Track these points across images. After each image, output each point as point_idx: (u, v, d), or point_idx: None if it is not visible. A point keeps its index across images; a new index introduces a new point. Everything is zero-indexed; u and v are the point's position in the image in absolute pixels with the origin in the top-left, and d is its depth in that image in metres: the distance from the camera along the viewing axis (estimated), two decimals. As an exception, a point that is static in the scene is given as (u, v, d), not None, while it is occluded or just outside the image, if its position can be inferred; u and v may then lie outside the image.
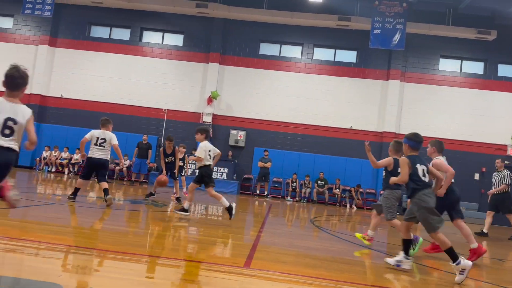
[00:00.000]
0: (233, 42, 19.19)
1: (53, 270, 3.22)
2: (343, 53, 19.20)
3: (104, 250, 4.19)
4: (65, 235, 4.73)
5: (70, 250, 4.00)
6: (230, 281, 3.51)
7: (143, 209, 8.56)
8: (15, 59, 16.64)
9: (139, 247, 4.56)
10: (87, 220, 6.31)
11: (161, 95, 18.92)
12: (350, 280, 4.06)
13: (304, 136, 18.48)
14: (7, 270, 3.16)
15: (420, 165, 4.79)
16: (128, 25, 19.58)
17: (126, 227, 6.10)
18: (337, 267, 4.64)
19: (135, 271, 3.51)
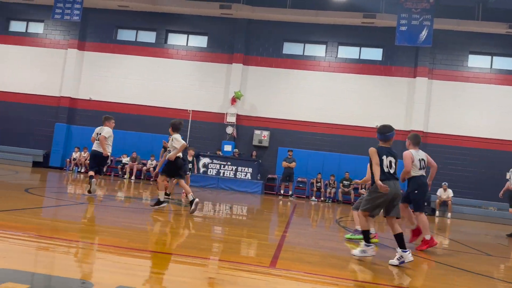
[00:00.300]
0: (256, 42, 19.23)
1: (83, 268, 3.30)
2: (368, 50, 18.93)
3: (132, 248, 4.27)
4: (95, 234, 4.85)
5: (100, 248, 4.10)
6: (256, 280, 3.51)
7: (169, 208, 8.69)
8: (46, 63, 17.36)
9: (165, 246, 4.62)
10: (115, 219, 6.45)
11: (186, 96, 19.15)
12: (377, 281, 4.00)
13: (329, 135, 18.32)
14: (40, 268, 3.27)
15: (387, 157, 4.92)
16: (154, 27, 19.91)
17: (152, 226, 6.20)
18: (363, 268, 4.58)
19: (163, 269, 3.57)
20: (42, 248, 3.95)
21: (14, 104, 19.90)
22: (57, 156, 19.23)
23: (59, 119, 19.44)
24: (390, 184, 4.79)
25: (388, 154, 4.96)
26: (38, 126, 19.65)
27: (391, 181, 4.83)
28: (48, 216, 6.06)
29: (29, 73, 19.97)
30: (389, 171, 4.89)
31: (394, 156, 5.01)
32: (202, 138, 18.95)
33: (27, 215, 5.71)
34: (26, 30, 20.76)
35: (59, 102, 19.63)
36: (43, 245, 4.07)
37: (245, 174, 17.32)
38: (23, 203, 6.91)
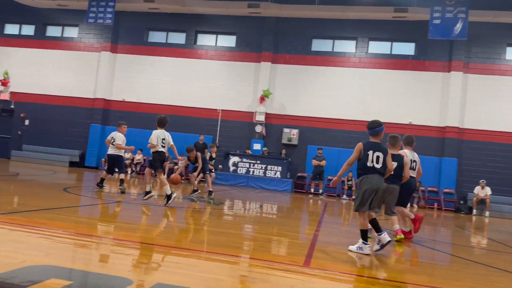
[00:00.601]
0: (284, 40, 19.16)
1: (122, 265, 3.39)
2: (400, 45, 18.50)
3: (168, 246, 4.35)
4: (131, 232, 4.97)
5: (137, 246, 4.20)
6: (291, 279, 3.50)
7: (201, 206, 8.80)
8: (81, 66, 17.90)
9: (198, 244, 4.69)
10: (149, 218, 6.59)
11: (215, 95, 19.33)
12: (414, 281, 3.90)
13: (360, 133, 18.00)
14: (79, 265, 3.38)
15: (374, 152, 4.99)
16: (183, 29, 20.19)
17: (184, 224, 6.30)
18: (399, 268, 4.49)
19: (198, 267, 3.61)
20: (81, 245, 4.09)
21: (51, 106, 20.68)
22: (93, 156, 19.85)
23: (94, 120, 20.05)
24: (374, 178, 4.92)
25: (375, 149, 5.01)
26: (74, 128, 20.33)
27: (374, 175, 4.94)
28: (85, 214, 6.26)
29: (65, 76, 20.69)
30: (374, 165, 4.96)
31: (382, 151, 5.04)
32: (231, 137, 19.09)
33: (67, 214, 5.92)
34: (61, 34, 21.51)
35: (93, 104, 20.25)
36: (82, 242, 4.21)
37: (275, 172, 17.31)
38: (62, 202, 7.17)
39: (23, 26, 22.01)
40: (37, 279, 2.75)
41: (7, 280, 2.66)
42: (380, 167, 4.99)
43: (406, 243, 6.38)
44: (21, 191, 8.21)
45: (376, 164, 4.99)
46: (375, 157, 4.98)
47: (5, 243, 3.72)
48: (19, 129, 21.08)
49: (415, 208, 15.66)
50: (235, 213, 8.49)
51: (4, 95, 21.19)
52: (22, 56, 21.35)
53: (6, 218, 4.91)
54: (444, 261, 5.57)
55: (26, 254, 3.36)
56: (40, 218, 5.12)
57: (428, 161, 17.17)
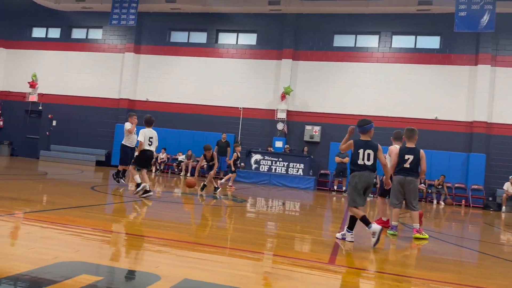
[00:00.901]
0: (305, 36, 19.04)
1: (150, 261, 3.46)
2: (424, 39, 18.10)
3: (194, 243, 4.41)
4: (157, 229, 5.05)
5: (163, 242, 4.27)
6: (316, 276, 3.49)
7: (224, 204, 8.86)
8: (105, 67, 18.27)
9: (223, 240, 4.73)
10: (175, 215, 6.68)
11: (237, 94, 19.40)
12: (441, 279, 3.83)
13: (384, 129, 17.69)
14: (108, 261, 3.47)
15: (365, 150, 5.24)
16: (205, 28, 20.33)
17: (208, 221, 6.36)
18: (426, 265, 4.41)
19: (223, 263, 3.65)
20: (110, 242, 4.19)
21: (77, 107, 21.20)
22: (118, 155, 20.19)
23: (119, 120, 20.44)
24: (364, 174, 5.19)
25: (365, 147, 5.25)
26: (100, 127, 20.79)
27: (365, 172, 5.21)
28: (113, 212, 6.40)
29: (90, 77, 21.17)
30: (365, 163, 5.23)
31: (372, 148, 5.29)
32: (253, 135, 19.13)
33: (95, 211, 6.07)
34: (86, 36, 22.01)
35: (118, 104, 20.65)
36: (111, 239, 4.31)
37: (297, 170, 17.25)
38: (90, 200, 7.35)
39: (49, 29, 22.63)
40: (69, 275, 2.84)
41: (41, 276, 2.75)
42: (371, 164, 5.24)
43: (431, 240, 6.27)
44: (51, 190, 8.47)
45: (367, 162, 5.23)
46: (366, 155, 5.24)
47: (38, 240, 3.84)
48: (47, 130, 21.71)
49: (442, 205, 15.34)
50: (258, 210, 8.52)
51: (33, 97, 21.85)
52: (49, 58, 21.96)
53: (37, 216, 5.08)
54: (472, 259, 5.45)
55: (58, 250, 3.47)
56: (70, 216, 5.27)
57: (455, 157, 16.79)
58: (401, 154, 6.34)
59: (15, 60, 22.46)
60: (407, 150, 6.31)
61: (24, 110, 22.09)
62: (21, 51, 22.43)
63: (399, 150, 6.43)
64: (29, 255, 3.24)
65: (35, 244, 3.61)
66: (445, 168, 16.62)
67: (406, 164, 6.24)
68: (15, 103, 22.09)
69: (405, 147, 6.39)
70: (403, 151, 6.34)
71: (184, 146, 18.95)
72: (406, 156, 6.27)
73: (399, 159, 6.33)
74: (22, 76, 21.97)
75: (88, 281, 2.73)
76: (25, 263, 2.98)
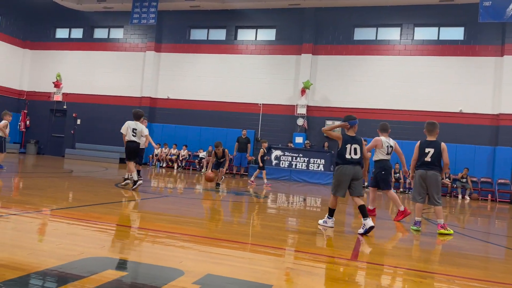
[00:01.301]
0: (325, 30, 18.86)
1: (174, 257, 3.51)
2: (448, 30, 17.66)
3: (216, 238, 4.45)
4: (180, 225, 5.12)
5: (186, 238, 4.33)
6: (338, 272, 3.48)
7: (246, 200, 8.90)
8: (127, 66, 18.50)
9: (245, 236, 4.75)
10: (197, 211, 6.75)
11: (256, 90, 19.40)
12: (468, 275, 3.75)
13: (406, 123, 17.45)
14: (133, 256, 3.54)
15: (352, 145, 5.63)
16: (224, 25, 20.38)
17: (230, 218, 6.41)
18: (452, 261, 4.33)
19: (245, 259, 3.67)
20: (134, 238, 4.27)
21: (101, 105, 21.62)
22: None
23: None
24: (347, 168, 5.56)
25: (352, 141, 5.65)
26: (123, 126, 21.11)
27: (349, 165, 5.57)
28: (136, 208, 6.52)
29: (112, 76, 21.55)
30: (352, 157, 5.61)
31: (358, 143, 5.68)
32: (273, 130, 19.10)
33: (119, 208, 6.20)
34: (108, 36, 22.38)
35: (140, 102, 20.94)
36: (135, 235, 4.39)
37: (318, 165, 17.15)
38: (115, 196, 7.50)
39: (72, 29, 23.12)
40: (95, 270, 2.91)
41: (68, 271, 2.83)
42: (358, 157, 5.63)
43: (457, 236, 6.14)
44: (76, 187, 8.68)
45: (354, 156, 5.62)
46: (352, 149, 5.62)
47: (65, 236, 3.95)
48: (71, 129, 22.23)
49: (467, 200, 14.99)
50: (279, 206, 8.52)
51: (57, 96, 22.41)
52: (72, 58, 22.44)
53: (64, 213, 5.22)
54: (499, 255, 5.32)
55: (84, 246, 3.56)
56: (95, 212, 5.39)
57: (480, 150, 16.37)
58: (421, 147, 6.24)
59: (40, 61, 23.06)
60: (428, 144, 6.19)
61: (50, 110, 22.68)
62: (46, 52, 23.00)
63: (419, 144, 6.33)
64: (57, 251, 3.34)
65: (62, 240, 3.71)
66: (470, 162, 16.23)
67: (427, 157, 6.12)
68: (41, 102, 22.70)
69: (425, 140, 6.28)
70: (423, 145, 6.24)
71: (205, 143, 19.10)
72: (427, 149, 6.15)
73: (419, 153, 6.24)
74: (47, 76, 22.55)
75: (114, 276, 2.79)
76: (53, 259, 3.07)
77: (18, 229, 4.18)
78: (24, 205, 5.62)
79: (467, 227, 7.80)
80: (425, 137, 6.35)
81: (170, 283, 2.74)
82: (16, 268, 2.77)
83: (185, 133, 20.09)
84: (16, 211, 5.12)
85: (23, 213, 4.96)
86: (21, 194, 7.02)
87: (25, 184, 8.40)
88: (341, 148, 5.67)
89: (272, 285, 2.91)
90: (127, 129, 8.62)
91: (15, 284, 2.48)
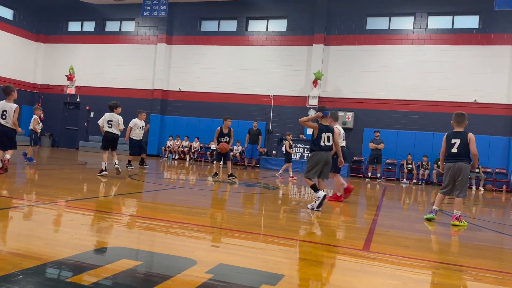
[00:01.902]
0: (337, 20, 18.65)
1: (186, 247, 3.55)
2: (462, 19, 17.33)
3: (228, 229, 4.48)
4: (193, 215, 5.17)
5: (199, 229, 4.37)
6: (350, 262, 3.48)
7: (257, 191, 8.93)
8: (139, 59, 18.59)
9: (257, 227, 4.77)
10: (209, 202, 6.80)
11: (267, 81, 19.34)
12: (482, 266, 3.72)
13: (420, 113, 17.25)
14: (145, 246, 3.59)
15: (326, 133, 6.44)
16: (234, 16, 20.30)
17: (242, 208, 6.44)
18: (466, 252, 4.29)
19: (257, 249, 3.69)
20: (148, 228, 4.32)
21: (113, 98, 21.66)
22: (153, 144, 20.74)
23: (153, 111, 20.88)
24: (322, 154, 6.38)
25: (326, 130, 6.46)
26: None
27: (323, 152, 6.39)
28: (150, 199, 6.59)
29: (124, 69, 21.68)
30: (326, 144, 6.43)
31: (331, 131, 6.54)
32: (284, 122, 19.05)
33: (133, 199, 6.27)
34: (119, 29, 22.49)
35: (152, 94, 21.06)
36: (148, 225, 4.45)
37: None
38: (128, 188, 7.59)
39: (84, 23, 23.29)
40: (110, 260, 2.96)
41: (83, 260, 2.88)
42: (330, 144, 6.48)
43: (471, 227, 6.08)
44: (91, 178, 8.80)
45: (327, 143, 6.44)
46: (326, 137, 6.43)
47: (80, 227, 4.02)
48: (85, 121, 22.49)
49: (481, 191, 14.81)
50: (291, 198, 8.53)
51: (70, 89, 22.65)
52: (85, 51, 22.63)
53: (79, 204, 5.30)
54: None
55: (99, 236, 3.62)
56: (109, 203, 5.47)
57: (495, 141, 16.12)
58: (448, 139, 6.12)
59: (52, 54, 23.30)
60: (454, 134, 6.07)
61: (63, 103, 22.97)
62: (58, 45, 23.23)
63: (446, 136, 6.20)
64: (72, 241, 3.40)
65: (77, 231, 3.78)
66: (485, 153, 15.99)
67: (453, 148, 6.01)
68: (55, 96, 22.98)
69: (452, 131, 6.15)
70: (450, 136, 6.12)
71: (217, 135, 19.12)
72: (453, 140, 6.04)
73: (446, 145, 6.13)
74: (60, 69, 22.79)
75: (128, 266, 2.84)
76: (68, 249, 3.13)
77: (34, 220, 4.26)
78: (40, 196, 5.72)
79: (481, 218, 7.71)
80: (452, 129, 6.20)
81: (184, 272, 2.77)
82: (32, 257, 2.83)
83: (197, 125, 20.17)
84: (32, 202, 5.22)
85: (39, 204, 5.06)
86: (37, 185, 7.15)
87: (41, 176, 8.54)
88: (317, 136, 6.38)
89: (284, 274, 2.92)
90: (103, 121, 9.22)
91: (32, 273, 2.53)
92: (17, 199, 5.35)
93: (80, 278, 2.51)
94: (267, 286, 2.63)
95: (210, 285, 2.57)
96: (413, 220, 6.56)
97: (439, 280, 3.18)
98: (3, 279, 2.37)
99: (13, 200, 5.23)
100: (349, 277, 3.05)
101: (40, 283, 2.39)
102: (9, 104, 7.63)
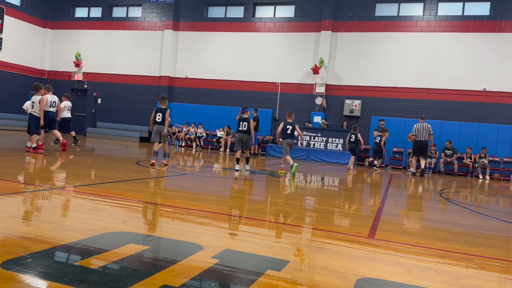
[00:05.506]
0: (345, 6, 18.40)
1: (193, 232, 3.59)
2: (473, 5, 17.01)
3: (234, 215, 4.52)
4: (200, 202, 5.21)
5: (206, 215, 4.41)
6: (355, 250, 3.50)
7: (263, 179, 8.95)
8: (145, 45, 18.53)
9: (263, 214, 4.81)
10: (216, 189, 6.85)
11: (274, 68, 19.22)
12: (487, 254, 3.73)
13: (428, 101, 17.09)
14: (153, 231, 3.63)
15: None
16: (241, 2, 20.10)
17: (249, 196, 6.47)
18: (471, 241, 4.30)
19: (262, 235, 3.73)
20: (155, 213, 4.37)
21: (120, 85, 21.83)
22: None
23: (159, 97, 20.86)
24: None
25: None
26: (142, 105, 21.34)
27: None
28: (157, 185, 6.65)
29: (131, 55, 21.65)
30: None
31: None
32: (291, 109, 18.92)
33: (141, 185, 6.33)
34: (126, 15, 22.39)
35: (159, 81, 21.06)
36: (156, 211, 4.50)
37: (336, 145, 17.05)
38: (136, 174, 7.66)
39: (91, 9, 23.20)
40: (117, 244, 3.00)
41: (91, 245, 2.93)
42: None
43: (477, 216, 6.07)
44: (99, 164, 8.88)
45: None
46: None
47: (88, 212, 4.08)
48: (92, 108, 22.59)
49: (487, 180, 14.72)
50: (297, 185, 8.55)
51: (78, 75, 22.71)
52: (91, 37, 22.60)
53: (87, 189, 5.36)
54: (521, 236, 5.24)
55: (106, 221, 3.67)
56: (117, 189, 5.53)
57: (504, 130, 15.96)
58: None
59: (60, 40, 23.31)
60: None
61: (71, 89, 23.03)
62: (65, 31, 23.22)
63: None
64: (80, 225, 3.45)
65: (86, 216, 3.83)
66: (493, 142, 15.86)
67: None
68: (62, 82, 23.04)
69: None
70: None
71: (223, 122, 19.15)
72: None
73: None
74: (67, 55, 22.82)
75: (135, 250, 2.88)
76: (77, 233, 3.18)
77: (43, 205, 4.33)
78: (49, 181, 5.79)
79: (487, 207, 7.69)
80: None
81: (190, 257, 2.81)
82: (42, 241, 2.88)
83: (203, 112, 20.18)
84: (41, 187, 5.29)
85: (48, 189, 5.12)
86: (46, 171, 7.24)
87: (50, 162, 8.64)
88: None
89: (289, 260, 2.95)
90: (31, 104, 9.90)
91: (41, 256, 2.58)
92: (27, 184, 5.43)
93: (88, 262, 2.55)
94: (272, 272, 2.66)
95: (216, 269, 2.61)
96: (419, 208, 6.56)
97: (444, 268, 3.19)
98: (13, 262, 2.42)
99: (21, 185, 5.31)
100: (354, 264, 3.07)
101: (49, 266, 2.44)
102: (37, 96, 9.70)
